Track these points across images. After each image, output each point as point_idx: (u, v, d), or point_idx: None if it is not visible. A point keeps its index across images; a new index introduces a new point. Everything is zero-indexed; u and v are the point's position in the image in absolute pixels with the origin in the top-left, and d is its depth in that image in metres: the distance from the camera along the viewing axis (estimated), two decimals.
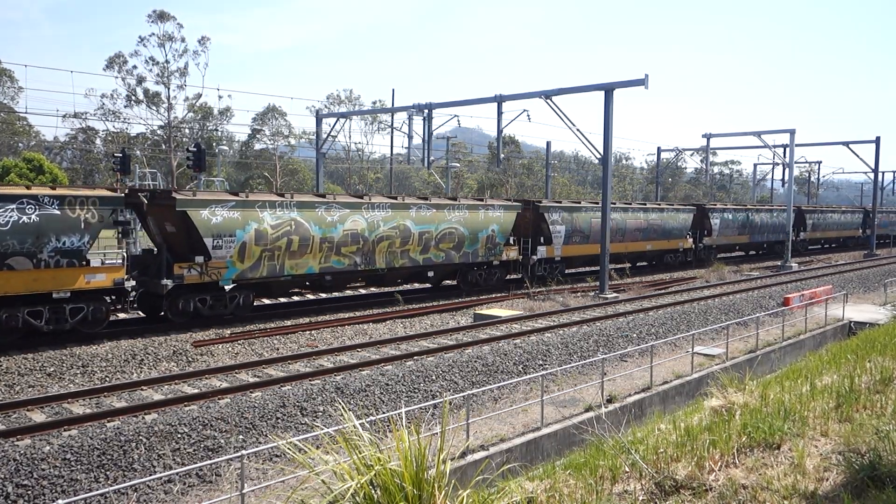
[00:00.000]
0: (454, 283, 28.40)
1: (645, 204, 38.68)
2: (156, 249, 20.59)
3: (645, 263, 39.35)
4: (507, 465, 9.55)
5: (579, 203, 33.71)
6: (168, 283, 18.77)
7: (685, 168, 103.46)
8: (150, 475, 9.68)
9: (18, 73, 69.20)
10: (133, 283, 18.66)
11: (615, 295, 27.51)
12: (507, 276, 29.50)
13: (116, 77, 62.75)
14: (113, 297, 18.46)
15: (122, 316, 20.65)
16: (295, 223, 21.29)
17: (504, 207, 28.45)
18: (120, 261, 18.07)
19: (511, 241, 29.06)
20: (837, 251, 58.42)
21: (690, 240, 40.53)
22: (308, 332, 19.47)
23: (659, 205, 39.49)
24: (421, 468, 5.48)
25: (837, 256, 52.11)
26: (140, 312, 20.63)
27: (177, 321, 19.48)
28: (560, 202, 33.43)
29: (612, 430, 8.55)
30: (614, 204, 35.15)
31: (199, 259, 19.30)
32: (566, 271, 32.59)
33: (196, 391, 13.50)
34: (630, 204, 37.57)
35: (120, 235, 19.17)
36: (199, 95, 66.46)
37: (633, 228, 36.37)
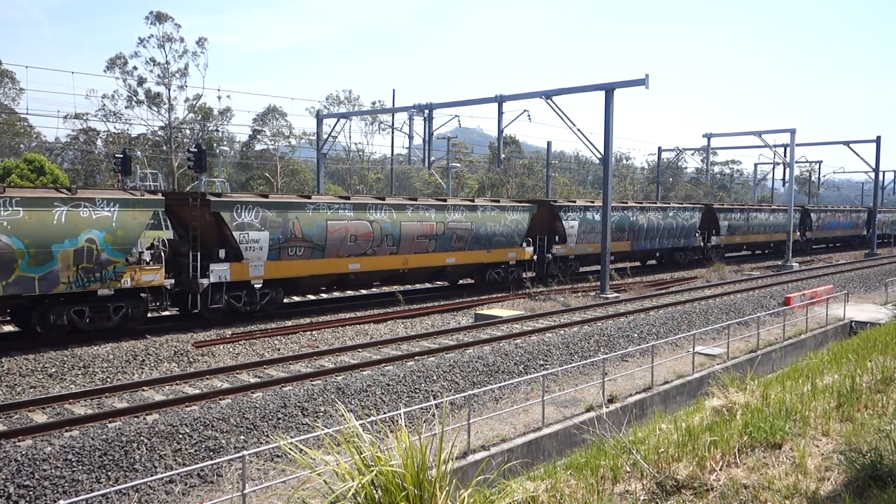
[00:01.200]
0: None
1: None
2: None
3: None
4: (509, 464, 9.55)
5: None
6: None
7: (686, 168, 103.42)
8: (152, 475, 9.69)
9: (19, 73, 69.26)
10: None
11: (616, 295, 27.51)
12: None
13: (117, 78, 62.81)
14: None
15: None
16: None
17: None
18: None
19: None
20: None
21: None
22: (309, 333, 19.48)
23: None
24: (422, 468, 5.48)
25: (838, 256, 52.09)
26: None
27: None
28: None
29: (613, 430, 8.55)
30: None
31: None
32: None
33: (197, 392, 13.51)
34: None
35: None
36: (199, 96, 66.50)
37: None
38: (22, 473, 9.51)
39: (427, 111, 33.83)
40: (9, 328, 19.28)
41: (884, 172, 67.25)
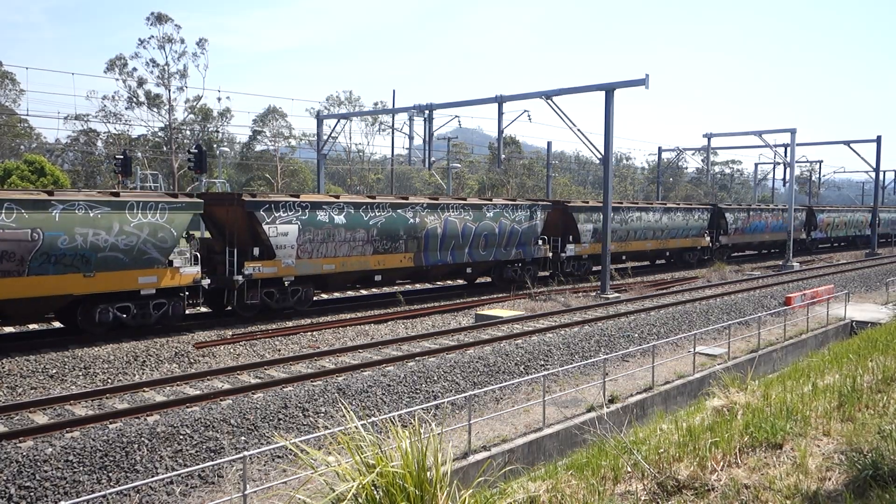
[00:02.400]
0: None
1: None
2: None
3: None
4: (510, 465, 9.55)
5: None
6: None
7: (686, 168, 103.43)
8: (153, 476, 9.69)
9: (20, 75, 69.24)
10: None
11: (617, 295, 27.50)
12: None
13: (117, 79, 62.89)
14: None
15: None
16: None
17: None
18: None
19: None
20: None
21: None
22: (310, 333, 19.48)
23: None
24: (422, 469, 5.48)
25: (839, 256, 52.09)
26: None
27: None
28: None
29: (614, 431, 8.55)
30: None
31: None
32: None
33: (198, 392, 13.51)
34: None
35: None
36: (199, 97, 66.53)
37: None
38: (23, 474, 9.51)
39: (427, 112, 33.84)
40: (9, 329, 19.28)
41: (884, 172, 67.29)
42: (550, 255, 31.13)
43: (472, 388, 14.37)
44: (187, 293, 19.65)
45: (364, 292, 27.79)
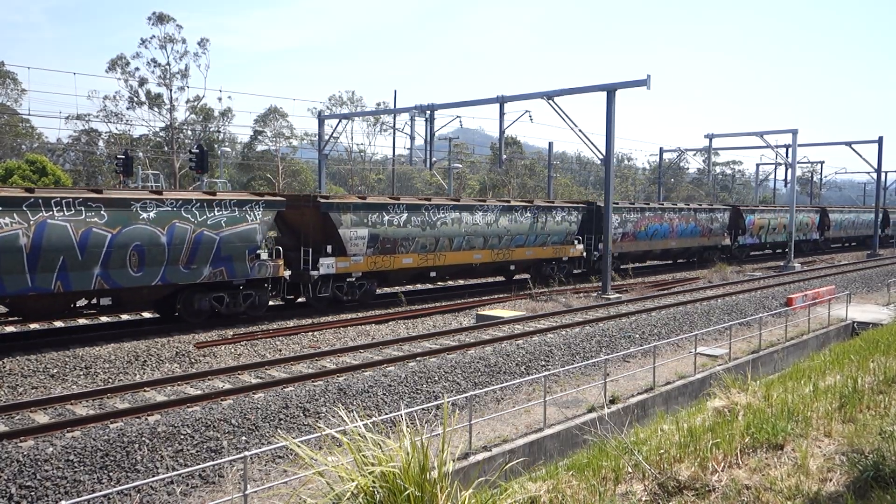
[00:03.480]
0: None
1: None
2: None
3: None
4: (510, 465, 9.54)
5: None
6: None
7: (687, 168, 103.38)
8: (153, 476, 9.69)
9: (21, 75, 69.18)
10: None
11: (618, 296, 27.49)
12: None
13: (119, 79, 62.88)
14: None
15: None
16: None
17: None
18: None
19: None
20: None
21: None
22: (310, 333, 19.49)
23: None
24: (423, 469, 5.48)
25: (840, 256, 52.05)
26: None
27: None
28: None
29: (614, 431, 8.54)
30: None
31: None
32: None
33: (199, 392, 13.51)
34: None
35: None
36: (199, 98, 66.54)
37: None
38: (24, 474, 9.52)
39: (429, 112, 33.84)
40: (11, 329, 19.30)
41: (886, 173, 67.24)
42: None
43: (473, 388, 14.37)
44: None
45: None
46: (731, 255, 43.50)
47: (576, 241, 32.02)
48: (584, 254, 32.81)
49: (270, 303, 22.56)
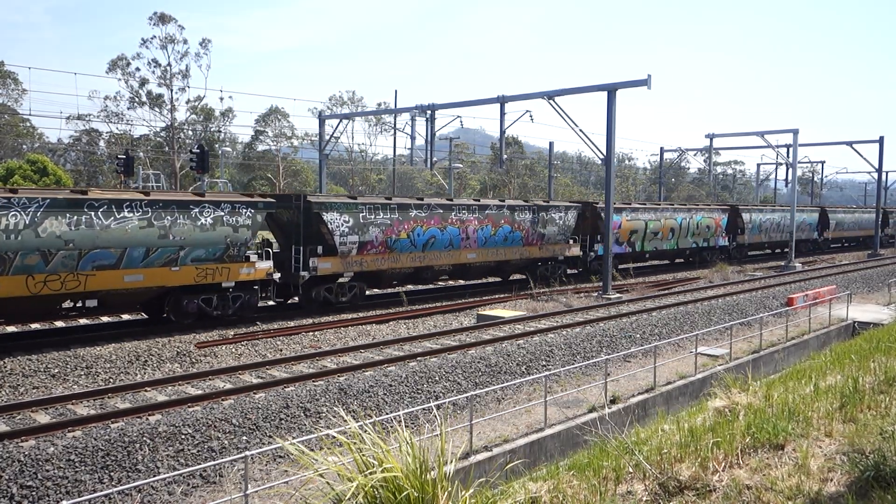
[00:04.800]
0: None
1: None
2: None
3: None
4: (511, 465, 9.55)
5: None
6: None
7: (688, 168, 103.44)
8: (154, 476, 9.70)
9: (22, 75, 69.21)
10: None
11: (618, 295, 27.48)
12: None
13: (119, 79, 62.94)
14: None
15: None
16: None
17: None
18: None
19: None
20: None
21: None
22: (311, 333, 19.49)
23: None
24: (424, 469, 5.49)
25: (841, 256, 52.02)
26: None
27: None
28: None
29: (615, 431, 8.54)
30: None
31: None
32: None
33: (199, 392, 13.52)
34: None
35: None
36: (200, 98, 66.57)
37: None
38: (25, 474, 9.52)
39: (429, 112, 33.83)
40: (12, 328, 19.31)
41: (887, 173, 67.20)
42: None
43: (474, 388, 14.37)
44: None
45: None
46: (586, 270, 33.31)
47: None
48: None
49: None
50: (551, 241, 30.60)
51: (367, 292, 25.42)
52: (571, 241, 31.93)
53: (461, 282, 30.59)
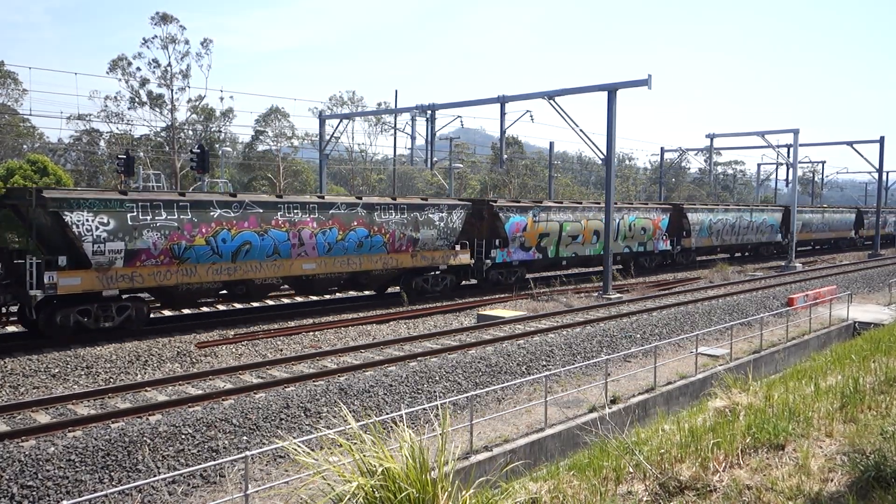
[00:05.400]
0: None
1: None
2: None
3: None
4: (511, 465, 9.55)
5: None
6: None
7: (689, 168, 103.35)
8: (155, 476, 9.70)
9: (22, 75, 69.17)
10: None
11: (619, 295, 27.48)
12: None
13: (120, 79, 62.89)
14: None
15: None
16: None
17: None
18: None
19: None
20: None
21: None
22: (311, 333, 19.49)
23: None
24: (424, 469, 5.48)
25: (842, 256, 51.99)
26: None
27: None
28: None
29: (615, 431, 8.54)
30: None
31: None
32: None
33: (200, 392, 13.52)
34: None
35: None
36: (201, 97, 66.55)
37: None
38: (25, 473, 9.52)
39: (429, 112, 33.83)
40: (12, 328, 19.31)
41: (888, 173, 67.20)
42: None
43: (474, 388, 14.37)
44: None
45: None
46: (484, 281, 28.65)
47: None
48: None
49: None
50: (429, 248, 25.20)
51: (170, 312, 21.87)
52: (459, 248, 26.64)
53: (300, 298, 25.36)
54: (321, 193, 34.81)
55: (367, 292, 27.10)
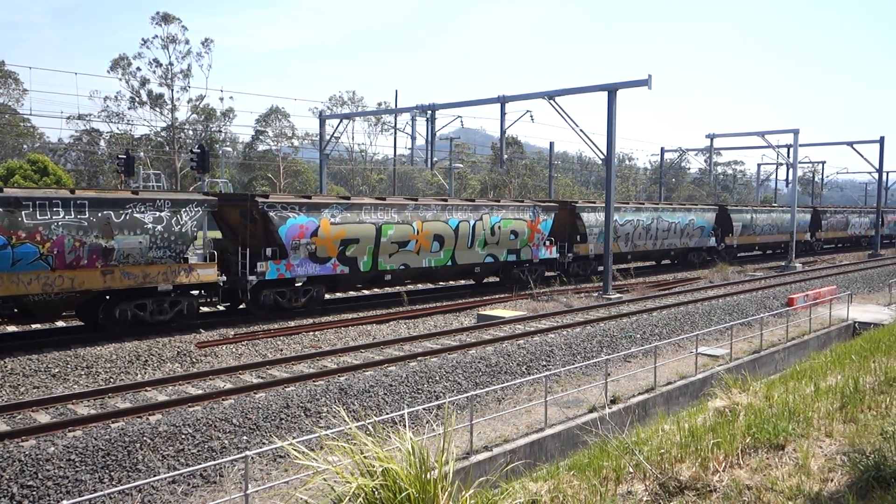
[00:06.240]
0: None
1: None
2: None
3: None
4: (511, 465, 9.54)
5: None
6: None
7: (689, 168, 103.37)
8: (155, 476, 9.70)
9: (22, 75, 69.25)
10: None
11: (619, 295, 27.48)
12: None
13: (120, 79, 62.94)
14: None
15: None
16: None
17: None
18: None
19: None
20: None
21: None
22: (311, 333, 19.49)
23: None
24: (424, 469, 5.49)
25: (842, 256, 52.00)
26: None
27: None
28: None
29: (615, 431, 8.54)
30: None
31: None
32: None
33: (200, 392, 13.52)
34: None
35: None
36: (202, 97, 66.56)
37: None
38: (25, 473, 9.53)
39: (430, 112, 33.84)
40: (12, 328, 19.30)
41: (888, 173, 67.21)
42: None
43: (475, 388, 14.37)
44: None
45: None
46: (253, 302, 21.69)
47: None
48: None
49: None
50: (135, 262, 18.18)
51: None
52: (194, 260, 20.31)
53: None
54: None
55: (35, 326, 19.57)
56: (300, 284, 22.32)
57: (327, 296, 24.30)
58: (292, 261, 21.49)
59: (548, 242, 30.47)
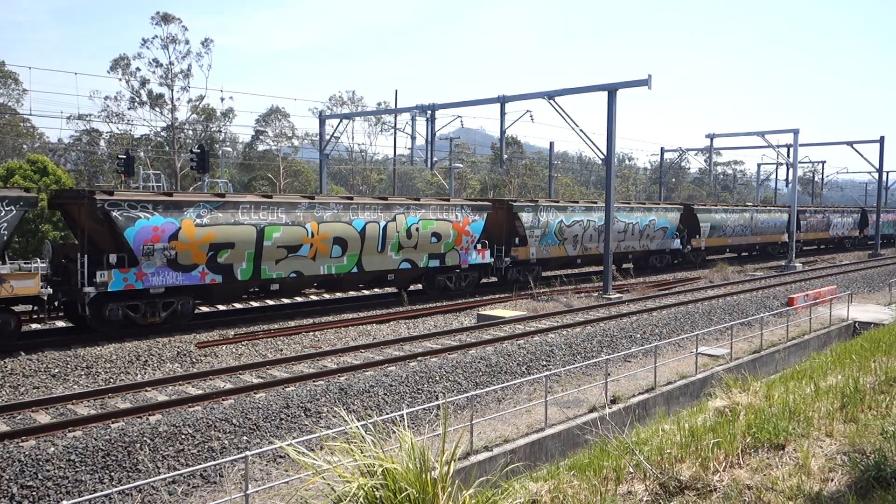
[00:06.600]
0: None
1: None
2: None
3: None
4: (511, 465, 9.54)
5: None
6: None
7: (689, 168, 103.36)
8: (155, 476, 9.70)
9: (23, 75, 69.21)
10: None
11: (619, 295, 27.48)
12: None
13: (120, 79, 62.89)
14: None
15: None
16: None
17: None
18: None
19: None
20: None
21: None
22: (312, 333, 19.49)
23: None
24: (424, 469, 5.48)
25: (842, 256, 51.99)
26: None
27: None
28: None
29: (616, 431, 8.54)
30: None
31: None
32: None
33: (200, 392, 13.52)
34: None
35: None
36: (202, 97, 66.54)
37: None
38: (25, 474, 9.53)
39: (430, 112, 33.84)
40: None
41: (888, 173, 67.21)
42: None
43: (475, 388, 14.37)
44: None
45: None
46: (101, 324, 18.48)
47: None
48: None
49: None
50: None
51: None
52: (6, 271, 16.83)
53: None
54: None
55: None
56: (159, 296, 18.82)
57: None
58: (145, 269, 18.05)
59: (479, 246, 27.44)
